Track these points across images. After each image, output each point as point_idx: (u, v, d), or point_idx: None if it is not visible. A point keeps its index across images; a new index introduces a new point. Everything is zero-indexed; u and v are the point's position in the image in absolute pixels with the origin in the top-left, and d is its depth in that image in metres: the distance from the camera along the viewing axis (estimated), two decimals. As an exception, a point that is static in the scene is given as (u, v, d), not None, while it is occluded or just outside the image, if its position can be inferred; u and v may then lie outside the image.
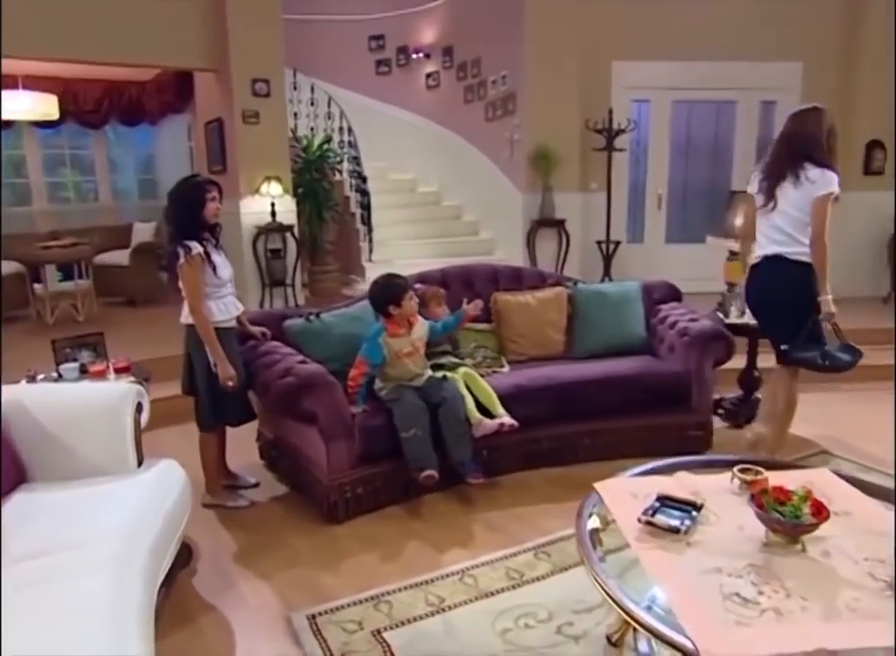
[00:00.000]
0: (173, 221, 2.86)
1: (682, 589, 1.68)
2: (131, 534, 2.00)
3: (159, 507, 2.20)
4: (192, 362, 2.95)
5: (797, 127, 3.06)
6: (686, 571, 1.75)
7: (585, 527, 2.01)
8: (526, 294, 3.88)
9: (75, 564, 1.78)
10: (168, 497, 2.28)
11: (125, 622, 1.62)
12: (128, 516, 2.09)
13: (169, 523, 2.20)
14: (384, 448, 3.00)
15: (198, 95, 6.47)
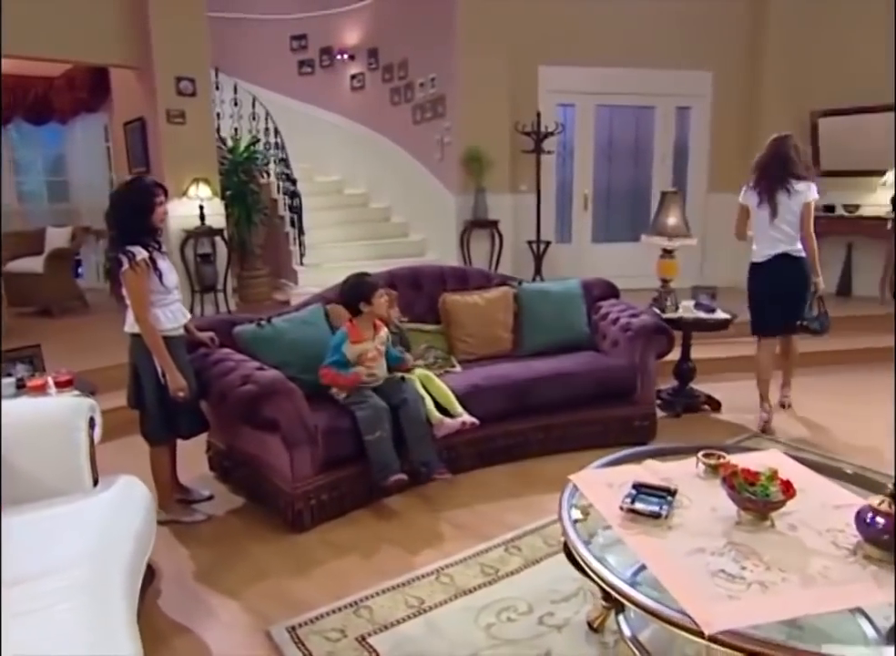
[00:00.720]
0: (117, 226, 2.70)
1: (672, 569, 1.75)
2: (104, 556, 1.88)
3: (128, 526, 2.08)
4: (138, 373, 2.80)
5: (777, 151, 3.82)
6: (672, 553, 1.82)
7: (570, 519, 2.05)
8: (474, 294, 3.92)
9: (51, 592, 1.66)
10: (134, 514, 2.16)
11: (115, 648, 1.53)
12: (97, 538, 1.97)
13: (140, 542, 2.09)
14: (347, 452, 2.96)
15: (116, 93, 6.16)
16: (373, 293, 3.05)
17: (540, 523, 2.89)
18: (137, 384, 2.81)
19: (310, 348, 3.26)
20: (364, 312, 3.06)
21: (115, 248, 2.68)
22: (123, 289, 2.71)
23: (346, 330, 3.08)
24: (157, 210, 2.73)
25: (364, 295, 3.04)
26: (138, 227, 2.68)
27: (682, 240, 4.24)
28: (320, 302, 3.55)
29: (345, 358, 3.03)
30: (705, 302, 4.21)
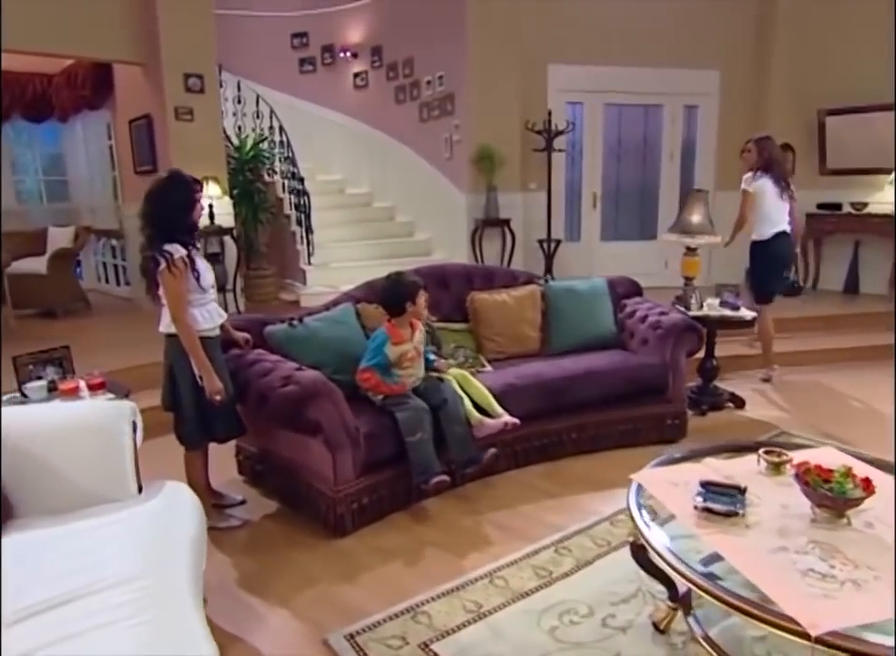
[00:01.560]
0: (155, 223, 2.61)
1: (761, 569, 1.71)
2: (167, 567, 1.80)
3: (184, 534, 2.00)
4: (174, 374, 2.72)
5: (776, 149, 4.58)
6: (756, 552, 1.79)
7: (645, 519, 2.01)
8: (502, 293, 3.88)
9: (122, 605, 1.58)
10: (188, 522, 2.07)
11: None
12: (156, 548, 1.89)
13: (197, 550, 2.01)
14: (387, 454, 2.90)
15: (120, 90, 6.04)
16: (417, 293, 3.00)
17: (585, 523, 2.86)
18: (172, 385, 2.73)
19: (344, 348, 3.20)
20: (407, 312, 3.00)
21: (152, 246, 2.60)
22: (160, 289, 2.62)
23: (387, 330, 3.01)
24: (196, 207, 2.66)
25: (410, 295, 2.99)
26: (178, 224, 2.61)
27: (706, 237, 4.22)
28: (350, 301, 3.48)
29: (388, 360, 2.96)
30: (730, 299, 4.19)
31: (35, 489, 2.12)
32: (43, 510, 2.11)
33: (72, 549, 1.87)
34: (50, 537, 1.96)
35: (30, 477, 2.11)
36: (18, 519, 2.08)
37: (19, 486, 2.10)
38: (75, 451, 2.17)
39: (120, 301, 6.81)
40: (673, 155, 6.80)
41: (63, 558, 1.84)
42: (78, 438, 2.19)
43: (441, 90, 6.57)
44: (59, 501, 2.13)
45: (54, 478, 2.13)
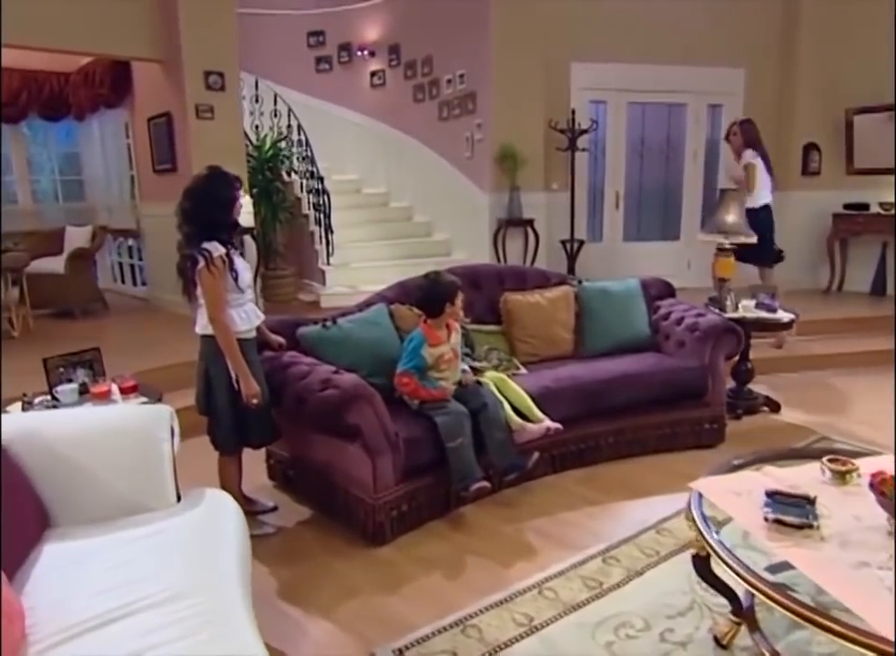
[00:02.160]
0: (194, 220, 2.54)
1: (846, 586, 1.63)
2: (216, 585, 1.72)
3: (231, 548, 1.91)
4: (209, 377, 2.64)
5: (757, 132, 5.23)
6: (838, 567, 1.70)
7: (712, 530, 1.92)
8: (535, 294, 3.79)
9: (164, 627, 1.50)
10: (232, 534, 1.99)
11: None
12: (203, 562, 1.80)
13: (244, 562, 1.93)
14: (426, 460, 2.82)
15: (139, 88, 5.97)
16: (456, 293, 2.92)
17: (630, 532, 2.77)
18: (207, 388, 2.65)
19: (378, 350, 3.13)
20: (445, 313, 2.92)
21: (190, 244, 2.53)
22: (197, 288, 2.55)
23: (423, 332, 2.93)
24: (236, 204, 2.58)
25: (449, 295, 2.91)
26: (218, 222, 2.53)
27: (741, 237, 4.13)
28: (383, 301, 3.40)
29: (425, 362, 2.88)
30: (766, 301, 4.10)
31: (73, 497, 2.05)
32: (81, 519, 2.04)
33: (115, 562, 1.80)
34: (91, 548, 1.89)
35: (68, 484, 2.05)
36: (57, 528, 2.01)
37: (57, 494, 2.04)
38: (112, 457, 2.10)
39: (137, 301, 6.75)
40: (696, 155, 6.70)
41: (106, 571, 1.76)
42: (116, 444, 2.12)
43: (462, 88, 6.49)
44: (97, 510, 2.06)
45: (92, 486, 2.06)
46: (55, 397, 2.56)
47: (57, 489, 2.03)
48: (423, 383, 2.90)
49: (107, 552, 1.86)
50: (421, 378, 2.90)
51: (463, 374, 3.03)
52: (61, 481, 2.03)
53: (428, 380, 2.93)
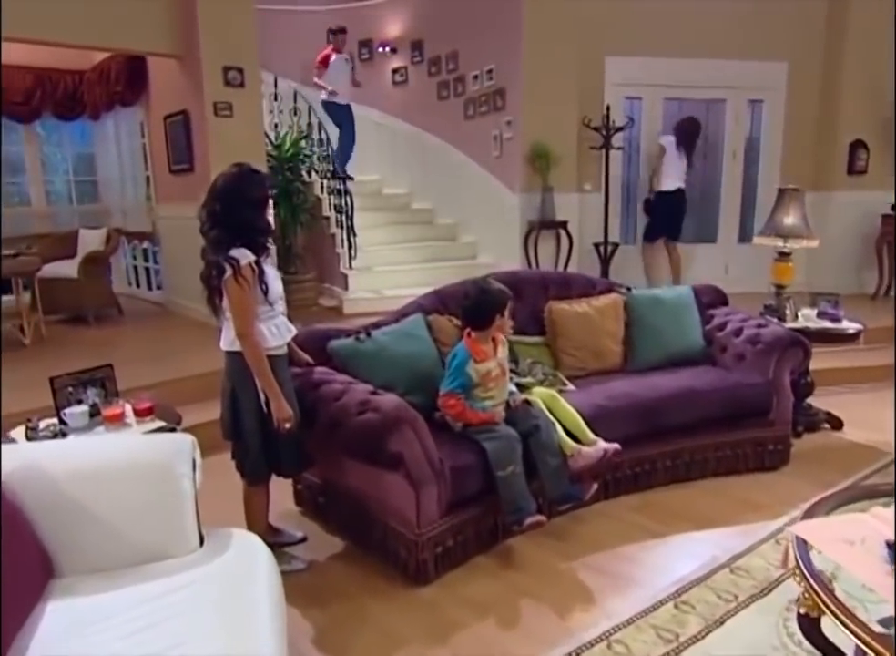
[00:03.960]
0: (222, 224, 2.27)
1: None
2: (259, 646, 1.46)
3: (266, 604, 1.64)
4: (236, 398, 2.37)
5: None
6: None
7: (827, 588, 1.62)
8: (581, 303, 3.51)
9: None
10: (266, 586, 1.72)
11: None
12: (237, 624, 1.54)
13: (279, 616, 1.66)
14: (474, 490, 2.54)
15: (155, 85, 5.74)
16: (507, 303, 2.64)
17: (700, 571, 2.49)
18: (234, 411, 2.38)
19: (415, 365, 2.87)
20: (493, 326, 2.64)
21: (217, 250, 2.26)
22: (223, 300, 2.28)
23: (468, 347, 2.64)
24: (269, 205, 2.32)
25: (499, 306, 2.63)
26: (250, 225, 2.27)
27: (801, 241, 3.83)
28: (420, 311, 3.13)
29: (471, 381, 2.60)
30: (829, 310, 3.79)
31: (80, 543, 1.80)
32: (90, 568, 1.79)
33: (131, 627, 1.54)
34: (103, 607, 1.63)
35: (74, 528, 1.79)
36: (63, 579, 1.75)
37: (62, 539, 1.79)
38: (126, 497, 1.84)
39: (152, 305, 6.52)
40: (735, 153, 6.38)
41: (120, 639, 1.51)
42: (130, 481, 1.86)
43: (489, 85, 6.20)
44: (109, 558, 1.81)
45: (102, 530, 1.81)
46: (63, 421, 2.30)
47: (63, 534, 1.78)
48: (473, 404, 2.61)
49: (122, 613, 1.60)
50: (466, 398, 2.62)
51: (510, 395, 2.75)
52: (67, 524, 1.78)
53: (474, 400, 2.64)
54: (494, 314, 2.61)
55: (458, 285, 3.29)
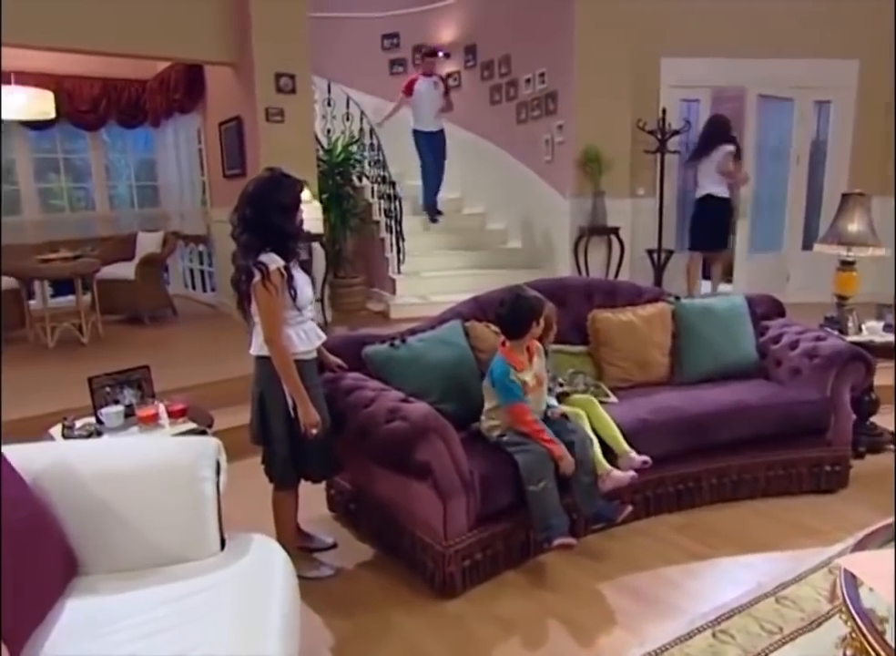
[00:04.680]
0: (252, 229, 2.28)
1: None
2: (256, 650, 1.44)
3: (278, 615, 1.61)
4: (265, 404, 2.38)
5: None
6: None
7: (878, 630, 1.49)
8: (627, 311, 3.39)
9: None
10: (284, 594, 1.70)
11: None
12: (245, 633, 1.52)
13: (291, 628, 1.64)
14: (505, 503, 2.47)
15: (211, 92, 5.90)
16: (542, 311, 2.57)
17: (743, 599, 2.34)
18: (262, 416, 2.38)
19: (451, 372, 2.82)
20: (529, 334, 2.56)
21: (246, 255, 2.27)
22: (252, 305, 2.29)
23: (505, 357, 2.57)
24: (300, 210, 2.33)
25: (536, 313, 2.56)
26: (280, 230, 2.27)
27: (866, 249, 3.60)
28: (457, 318, 3.08)
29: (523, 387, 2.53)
30: (895, 322, 3.55)
31: (104, 542, 1.82)
32: (112, 567, 1.81)
33: (144, 629, 1.55)
34: (119, 608, 1.64)
35: (99, 527, 1.82)
36: (86, 577, 1.77)
37: (87, 537, 1.81)
38: (149, 498, 1.85)
39: (205, 307, 6.69)
40: (800, 157, 6.09)
41: (132, 642, 1.51)
42: (154, 483, 1.87)
43: (541, 88, 6.12)
44: (131, 558, 1.82)
45: (125, 530, 1.82)
46: (99, 420, 2.35)
47: (88, 532, 1.80)
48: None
49: (137, 615, 1.61)
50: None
51: (549, 408, 2.66)
52: (91, 523, 1.80)
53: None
54: (531, 323, 2.54)
55: (497, 292, 3.23)
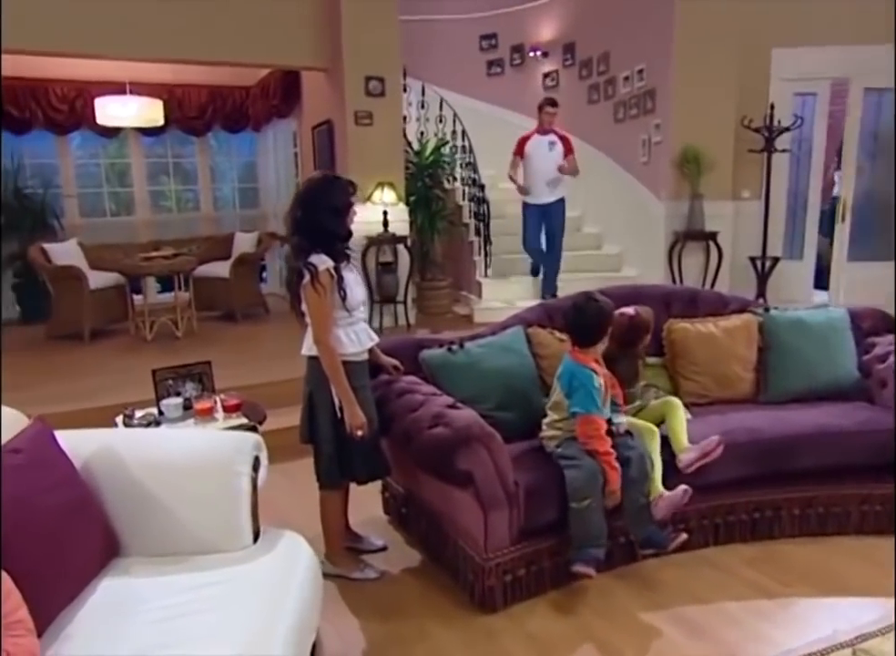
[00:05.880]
0: (302, 230, 2.35)
1: None
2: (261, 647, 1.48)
3: (294, 610, 1.66)
4: (313, 403, 2.44)
5: None
6: None
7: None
8: (707, 322, 3.21)
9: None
10: (300, 594, 1.74)
11: None
12: (253, 622, 1.58)
13: (307, 627, 1.67)
14: (552, 518, 2.40)
15: (306, 97, 6.17)
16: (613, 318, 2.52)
17: (815, 647, 2.14)
18: (311, 415, 2.45)
19: (510, 380, 2.78)
20: (602, 342, 2.49)
21: (298, 256, 2.34)
22: (303, 305, 2.36)
23: (580, 362, 2.48)
24: (350, 212, 2.37)
25: (610, 321, 2.50)
26: (330, 231, 2.33)
27: None
28: (520, 324, 3.03)
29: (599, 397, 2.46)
30: None
31: (144, 527, 1.94)
32: (150, 551, 1.92)
33: (166, 613, 1.64)
34: (148, 590, 1.75)
35: (140, 513, 1.94)
36: (126, 558, 1.90)
37: (128, 521, 1.93)
38: (188, 489, 1.95)
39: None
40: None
41: (153, 624, 1.61)
42: (193, 474, 1.97)
43: (640, 86, 5.92)
44: (168, 544, 1.93)
45: (165, 517, 1.93)
46: (160, 411, 2.50)
47: (129, 516, 1.92)
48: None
49: (162, 598, 1.70)
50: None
51: (616, 425, 2.56)
52: (133, 508, 1.92)
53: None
54: (605, 330, 2.47)
55: (566, 298, 3.17)
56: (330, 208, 2.34)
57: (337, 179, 2.41)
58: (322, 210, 2.33)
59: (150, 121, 6.06)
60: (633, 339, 2.82)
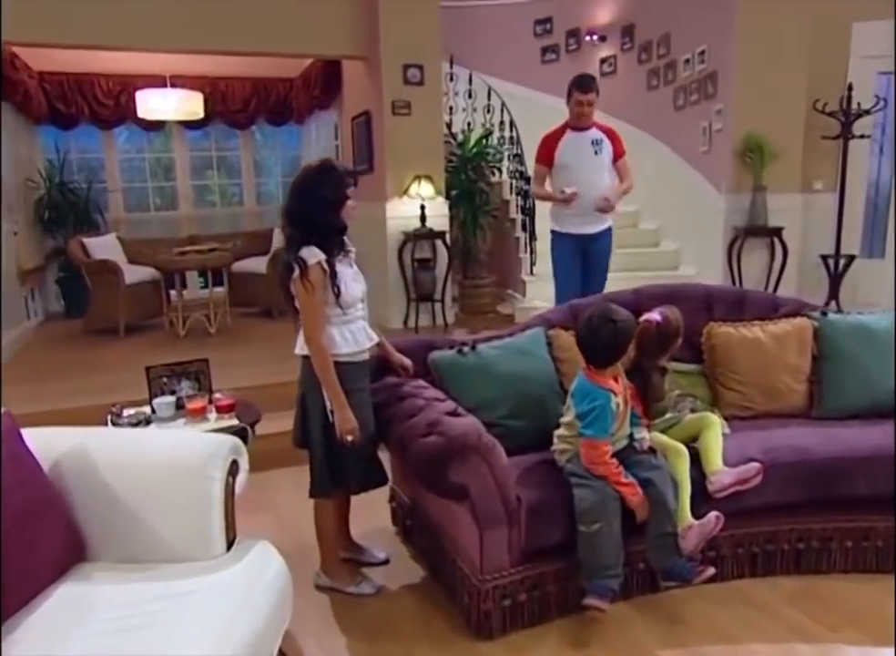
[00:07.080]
0: (294, 222, 2.28)
1: None
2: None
3: (248, 627, 1.58)
4: (305, 405, 2.36)
5: None
6: None
7: None
8: (754, 327, 2.96)
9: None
10: (258, 610, 1.66)
11: None
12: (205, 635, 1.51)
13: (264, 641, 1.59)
14: (559, 539, 2.24)
15: (346, 87, 6.15)
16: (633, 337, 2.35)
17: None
18: (303, 417, 2.38)
19: (526, 385, 2.63)
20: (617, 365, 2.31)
21: (290, 249, 2.27)
22: (295, 301, 2.29)
23: (595, 381, 2.29)
24: (346, 204, 2.28)
25: (629, 342, 2.31)
26: (322, 223, 2.24)
27: None
28: (542, 325, 2.88)
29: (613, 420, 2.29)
30: None
31: (110, 532, 1.91)
32: (118, 557, 1.88)
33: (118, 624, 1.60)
34: (104, 599, 1.71)
35: (106, 517, 1.90)
36: (91, 564, 1.86)
37: (96, 525, 1.89)
38: (159, 494, 1.91)
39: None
40: None
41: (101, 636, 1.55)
42: (164, 479, 1.92)
43: (700, 69, 5.63)
44: (136, 551, 1.89)
45: (130, 522, 1.89)
46: (153, 409, 2.48)
47: (97, 520, 1.89)
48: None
49: (115, 609, 1.65)
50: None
51: (638, 440, 2.39)
52: (101, 511, 1.89)
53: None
54: (621, 354, 2.28)
55: (593, 299, 2.99)
56: (322, 199, 2.25)
57: (333, 170, 2.32)
58: (315, 201, 2.25)
59: (191, 114, 6.17)
60: (663, 347, 2.60)
